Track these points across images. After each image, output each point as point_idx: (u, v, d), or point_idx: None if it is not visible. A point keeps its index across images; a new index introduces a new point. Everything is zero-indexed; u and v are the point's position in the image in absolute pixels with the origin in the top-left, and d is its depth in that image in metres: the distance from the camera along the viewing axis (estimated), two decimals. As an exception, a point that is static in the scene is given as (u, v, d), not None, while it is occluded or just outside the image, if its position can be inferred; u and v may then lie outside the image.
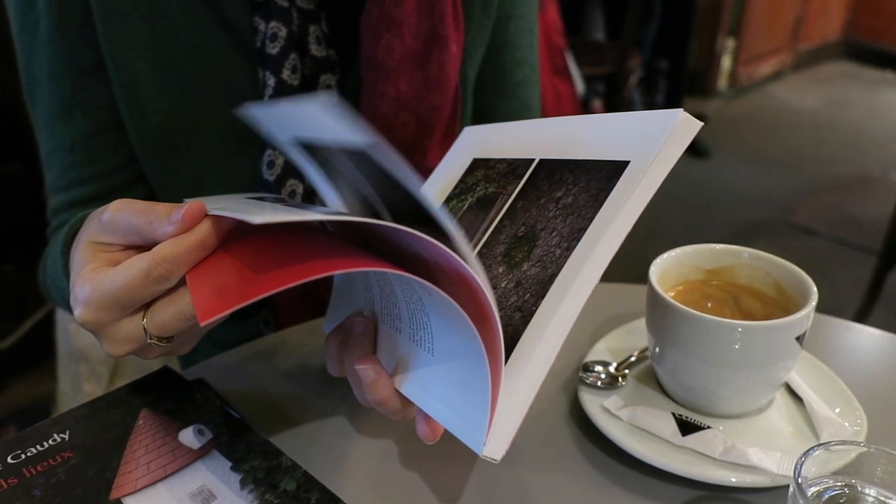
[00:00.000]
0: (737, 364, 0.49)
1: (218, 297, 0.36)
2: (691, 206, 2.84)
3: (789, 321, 0.48)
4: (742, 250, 0.56)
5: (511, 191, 0.47)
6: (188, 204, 0.42)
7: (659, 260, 0.55)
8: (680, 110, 0.39)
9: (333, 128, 0.37)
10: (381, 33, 0.65)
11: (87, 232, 0.46)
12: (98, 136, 0.67)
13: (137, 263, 0.41)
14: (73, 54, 0.64)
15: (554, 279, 0.40)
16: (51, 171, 0.70)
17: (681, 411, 0.53)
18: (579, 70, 2.44)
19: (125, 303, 0.42)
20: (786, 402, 0.55)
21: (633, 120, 0.42)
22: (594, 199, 0.41)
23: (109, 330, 0.44)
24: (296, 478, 0.48)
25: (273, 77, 0.64)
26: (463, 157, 0.55)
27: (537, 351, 0.39)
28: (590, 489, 0.49)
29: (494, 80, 0.78)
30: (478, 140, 0.56)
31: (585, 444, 0.53)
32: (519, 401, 0.38)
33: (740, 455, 0.48)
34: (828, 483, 0.38)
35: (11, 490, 0.46)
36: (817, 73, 4.62)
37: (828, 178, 3.11)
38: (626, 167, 0.40)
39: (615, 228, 0.39)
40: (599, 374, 0.56)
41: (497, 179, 0.49)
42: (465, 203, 0.51)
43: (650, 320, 0.53)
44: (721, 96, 4.13)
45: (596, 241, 0.39)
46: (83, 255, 0.45)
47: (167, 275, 0.41)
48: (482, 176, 0.51)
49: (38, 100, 0.67)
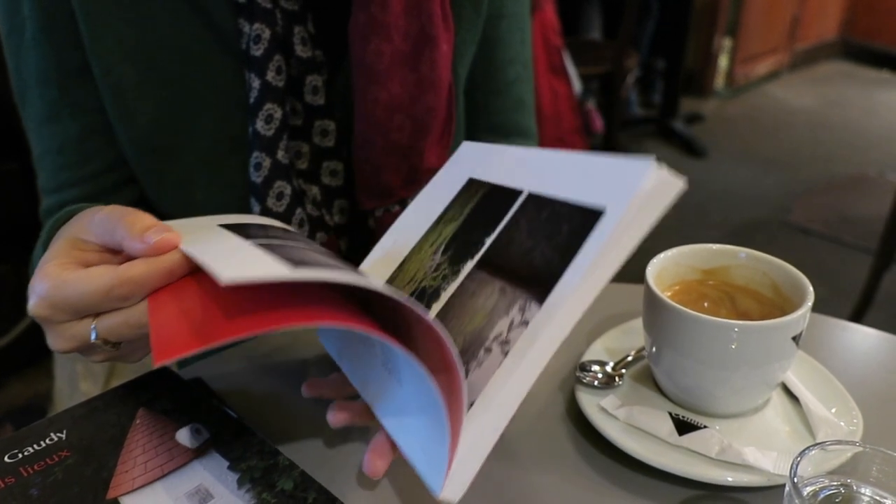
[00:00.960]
0: (733, 364, 0.49)
1: (177, 338, 0.36)
2: (688, 206, 2.84)
3: (786, 321, 0.48)
4: (739, 250, 0.56)
5: (495, 225, 0.46)
6: (164, 231, 0.43)
7: (656, 260, 0.55)
8: (651, 164, 0.37)
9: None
10: (369, 38, 0.65)
11: (74, 227, 0.47)
12: (87, 138, 0.67)
13: (101, 278, 0.42)
14: (60, 58, 0.64)
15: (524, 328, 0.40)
16: (42, 173, 0.70)
17: (677, 411, 0.53)
18: (576, 69, 2.44)
19: (80, 309, 0.43)
20: (782, 402, 0.55)
21: (607, 167, 0.40)
22: (567, 249, 0.39)
23: (58, 327, 0.45)
24: (293, 477, 0.48)
25: (258, 79, 0.64)
26: (459, 174, 0.55)
27: (500, 398, 0.38)
28: (586, 488, 0.50)
29: (488, 79, 0.78)
30: (474, 157, 0.55)
31: (582, 443, 0.53)
32: (479, 447, 0.38)
33: (736, 454, 0.48)
34: (824, 482, 0.39)
35: (9, 489, 0.46)
36: (814, 73, 4.63)
37: (824, 178, 3.12)
38: (601, 217, 0.38)
39: (587, 283, 0.37)
40: (596, 374, 0.56)
41: (485, 210, 0.49)
42: (457, 225, 0.50)
43: (647, 320, 0.53)
44: (718, 96, 4.13)
45: (566, 296, 0.38)
46: (57, 248, 0.46)
47: (128, 295, 0.43)
48: (471, 202, 0.51)
49: (27, 103, 0.67)
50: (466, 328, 0.43)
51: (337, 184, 0.72)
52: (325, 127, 0.70)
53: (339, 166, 0.72)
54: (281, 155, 0.67)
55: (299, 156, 0.70)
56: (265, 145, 0.66)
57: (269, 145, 0.66)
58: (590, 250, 0.38)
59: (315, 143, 0.70)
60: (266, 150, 0.66)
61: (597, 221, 0.38)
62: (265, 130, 0.65)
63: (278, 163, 0.67)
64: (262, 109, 0.64)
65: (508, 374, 0.38)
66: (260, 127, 0.65)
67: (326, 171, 0.71)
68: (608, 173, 0.40)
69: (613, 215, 0.37)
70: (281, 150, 0.66)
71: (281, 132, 0.66)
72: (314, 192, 0.71)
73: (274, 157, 0.66)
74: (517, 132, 0.81)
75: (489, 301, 0.43)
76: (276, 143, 0.66)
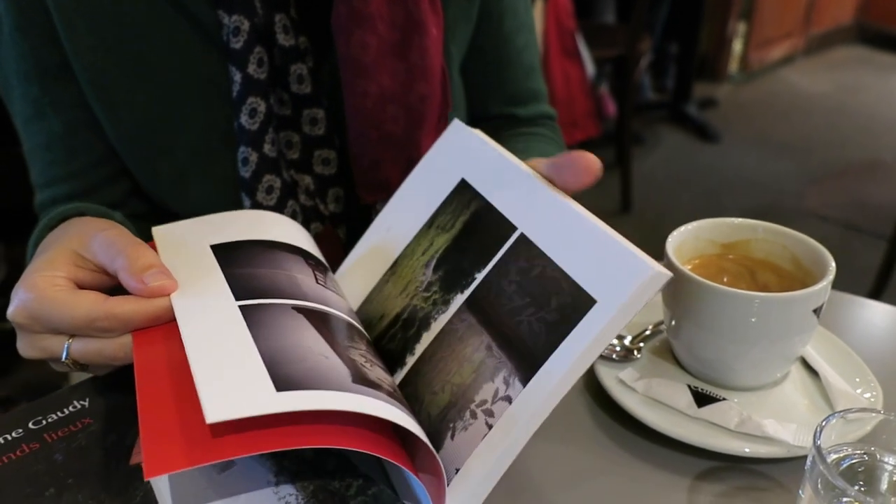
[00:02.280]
0: (753, 337, 0.49)
1: (169, 455, 0.35)
2: (701, 191, 2.82)
3: (807, 293, 0.48)
4: (758, 224, 0.56)
5: (487, 258, 0.45)
6: (162, 277, 0.44)
7: (676, 233, 0.55)
8: (650, 267, 0.37)
9: None
10: (353, 30, 0.63)
11: (74, 239, 0.48)
12: (72, 134, 0.66)
13: (87, 307, 0.43)
14: (38, 56, 0.63)
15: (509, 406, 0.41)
16: (33, 168, 0.70)
17: (696, 384, 0.53)
18: (589, 53, 2.43)
19: (59, 329, 0.44)
20: (801, 376, 0.55)
21: (606, 253, 0.40)
22: (554, 330, 0.39)
23: (32, 336, 0.45)
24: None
25: (239, 72, 0.62)
26: (451, 167, 0.52)
27: (485, 472, 0.40)
28: (605, 460, 0.50)
29: (497, 52, 0.76)
30: (466, 149, 0.52)
31: (601, 415, 0.53)
32: None
33: (756, 426, 0.48)
34: (847, 451, 0.38)
35: (33, 454, 0.47)
36: (829, 58, 4.58)
37: (839, 164, 3.09)
38: (592, 307, 0.38)
39: (570, 372, 0.38)
40: (615, 347, 0.56)
41: (479, 233, 0.47)
42: (449, 237, 0.49)
43: (666, 293, 0.53)
44: (732, 80, 4.10)
45: (550, 384, 0.39)
46: (50, 258, 0.46)
47: (110, 329, 0.43)
48: (462, 213, 0.49)
49: (12, 100, 0.66)
50: (454, 379, 0.44)
51: (330, 172, 0.71)
52: (314, 115, 0.68)
53: (332, 155, 0.70)
54: (268, 148, 0.65)
55: (290, 146, 0.68)
56: (251, 139, 0.65)
57: (254, 139, 0.65)
58: (578, 340, 0.38)
59: (305, 133, 0.68)
60: (252, 144, 0.65)
61: (587, 310, 0.38)
62: (249, 125, 0.64)
63: (265, 156, 0.66)
64: (246, 103, 0.63)
65: (492, 449, 0.40)
66: (244, 121, 0.64)
67: (318, 160, 0.70)
68: (606, 260, 0.39)
69: (605, 311, 0.37)
70: (267, 143, 0.65)
71: (266, 126, 0.65)
72: (307, 181, 0.70)
73: (260, 151, 0.65)
74: (532, 98, 0.80)
75: (476, 355, 0.43)
76: (261, 136, 0.65)
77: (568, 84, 2.32)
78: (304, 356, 0.40)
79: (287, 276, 0.48)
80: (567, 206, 0.43)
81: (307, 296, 0.47)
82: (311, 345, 0.41)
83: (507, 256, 0.44)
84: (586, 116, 2.47)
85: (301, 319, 0.43)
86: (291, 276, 0.49)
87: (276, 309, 0.44)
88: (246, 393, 0.36)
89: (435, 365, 0.45)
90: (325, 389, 0.37)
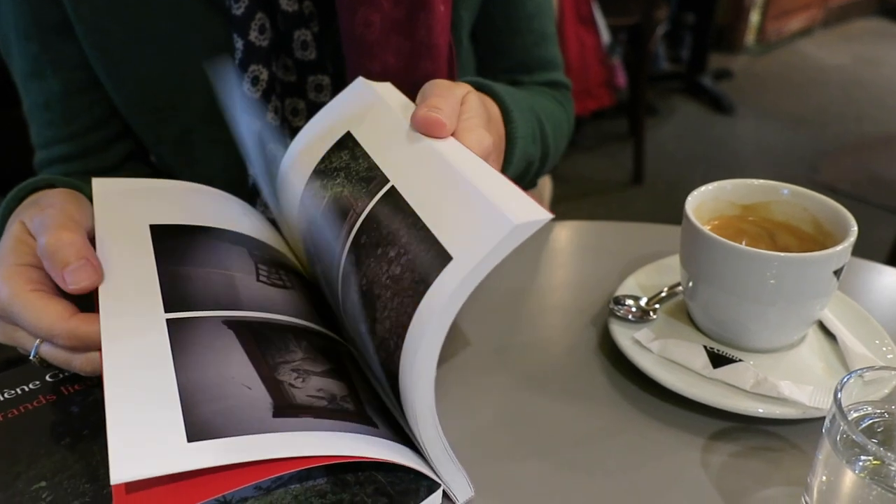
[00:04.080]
0: (772, 298, 0.48)
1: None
2: (714, 164, 2.80)
3: (827, 254, 0.47)
4: (780, 185, 0.55)
5: (360, 210, 0.44)
6: (83, 273, 0.43)
7: (696, 192, 0.54)
8: (510, 221, 0.35)
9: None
10: (356, 8, 0.61)
11: (26, 212, 0.48)
12: (71, 95, 0.66)
13: (51, 321, 0.42)
14: (39, 14, 0.62)
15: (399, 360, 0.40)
16: (32, 127, 0.69)
17: (712, 345, 0.53)
18: (605, 20, 2.39)
19: (28, 330, 0.44)
20: (818, 339, 0.54)
21: (475, 213, 0.38)
22: (415, 288, 0.38)
23: (5, 325, 0.45)
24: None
25: (241, 39, 0.61)
26: (340, 120, 0.52)
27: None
28: (618, 419, 0.50)
29: (507, 17, 0.75)
30: (359, 105, 0.52)
31: (615, 375, 0.53)
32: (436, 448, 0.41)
33: (772, 387, 0.48)
34: (867, 410, 0.38)
35: (50, 405, 0.47)
36: (848, 30, 4.50)
37: (854, 137, 3.05)
38: (449, 263, 0.37)
39: (433, 328, 0.37)
40: (630, 308, 0.56)
41: (353, 183, 0.46)
42: (326, 194, 0.48)
43: (684, 253, 0.53)
44: (748, 52, 4.04)
45: (413, 343, 0.38)
46: (17, 236, 0.46)
47: (71, 347, 0.43)
48: (343, 166, 0.48)
49: (11, 57, 0.66)
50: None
51: None
52: (320, 82, 0.67)
53: None
54: (271, 117, 0.65)
55: (295, 113, 0.68)
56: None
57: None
58: (434, 297, 0.36)
59: (310, 100, 0.68)
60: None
61: (443, 268, 0.36)
62: (252, 93, 0.63)
63: (268, 125, 0.65)
64: (248, 71, 0.62)
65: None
66: (247, 89, 0.63)
67: None
68: (469, 214, 0.37)
69: (460, 268, 0.36)
70: (270, 111, 0.65)
71: (268, 94, 0.64)
72: None
73: (263, 120, 0.64)
74: (540, 66, 0.79)
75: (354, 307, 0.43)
76: (264, 105, 0.64)
77: (582, 52, 2.29)
78: (223, 393, 0.39)
79: (224, 277, 0.48)
80: (440, 159, 0.42)
81: (241, 303, 0.46)
82: (234, 374, 0.41)
83: (377, 208, 0.43)
84: (600, 86, 2.45)
85: (230, 338, 0.43)
86: (230, 276, 0.48)
87: (205, 325, 0.43)
88: (155, 448, 0.35)
89: (348, 313, 0.45)
90: (241, 434, 0.37)
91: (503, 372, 0.54)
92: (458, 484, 0.43)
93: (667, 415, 0.50)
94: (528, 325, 0.60)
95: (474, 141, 0.45)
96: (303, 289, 0.53)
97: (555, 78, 0.80)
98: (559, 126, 0.76)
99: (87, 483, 0.41)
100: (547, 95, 0.77)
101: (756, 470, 0.45)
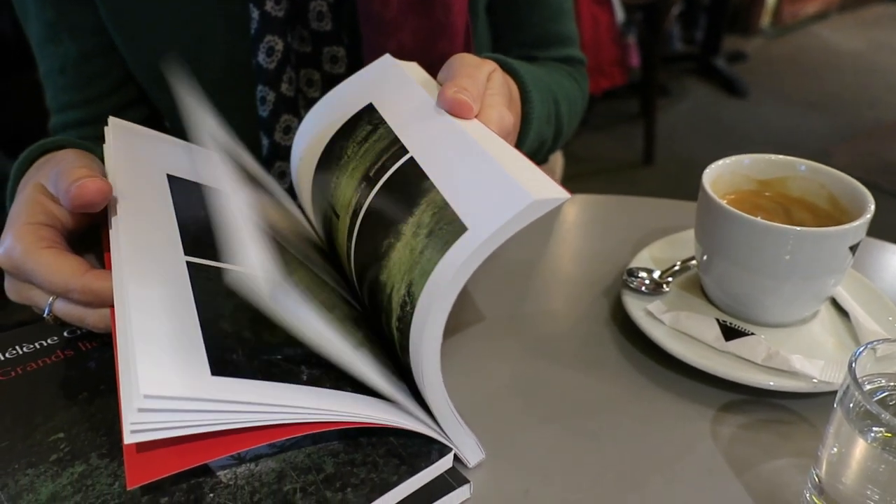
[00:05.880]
0: (786, 272, 0.48)
1: (150, 463, 0.35)
2: (725, 146, 2.78)
3: (843, 229, 0.47)
4: (797, 161, 0.55)
5: (377, 178, 0.45)
6: (88, 183, 0.43)
7: (714, 166, 0.54)
8: (531, 198, 0.35)
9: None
10: None
11: (41, 172, 0.48)
12: (87, 61, 0.66)
13: (66, 276, 0.42)
14: None
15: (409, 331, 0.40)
16: (48, 91, 0.69)
17: (724, 318, 0.53)
18: (620, -2, 2.37)
19: (42, 287, 0.44)
20: (830, 315, 0.54)
21: (493, 186, 0.38)
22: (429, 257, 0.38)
23: (19, 284, 0.45)
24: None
25: (257, 9, 0.61)
26: (363, 91, 0.52)
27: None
28: (630, 390, 0.50)
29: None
30: (382, 79, 0.52)
31: (627, 346, 0.54)
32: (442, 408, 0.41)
33: (783, 361, 0.48)
34: (881, 382, 0.38)
35: (67, 360, 0.47)
36: (864, 15, 4.44)
37: (867, 123, 3.03)
38: (462, 235, 0.37)
39: (442, 296, 0.37)
40: (644, 280, 0.56)
41: (372, 153, 0.46)
42: (344, 160, 0.49)
43: (700, 226, 0.53)
44: (763, 34, 3.99)
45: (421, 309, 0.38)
46: (26, 199, 0.46)
47: (86, 302, 0.43)
48: (364, 136, 0.48)
49: (28, 22, 0.66)
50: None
51: None
52: (335, 53, 0.67)
53: None
54: (285, 88, 0.65)
55: (311, 84, 0.68)
56: (269, 79, 0.64)
57: (272, 79, 0.64)
58: (447, 266, 0.37)
59: (326, 71, 0.67)
60: (269, 83, 0.64)
61: (457, 238, 0.37)
62: (267, 63, 0.63)
63: (283, 96, 0.65)
64: (263, 41, 0.62)
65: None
66: (262, 59, 0.63)
67: None
68: (487, 187, 0.38)
69: (474, 239, 0.36)
70: (285, 82, 0.64)
71: (283, 65, 0.64)
72: None
73: (278, 90, 0.64)
74: (556, 41, 0.78)
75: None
76: (278, 76, 0.64)
77: (596, 29, 2.27)
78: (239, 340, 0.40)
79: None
80: (462, 134, 0.42)
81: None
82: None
83: (395, 177, 0.43)
84: (613, 64, 2.43)
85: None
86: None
87: (222, 276, 0.44)
88: (182, 373, 0.35)
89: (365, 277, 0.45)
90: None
91: (515, 340, 0.54)
92: (469, 447, 0.43)
93: (677, 385, 0.50)
94: (540, 295, 0.60)
95: (495, 118, 0.45)
96: (316, 252, 0.53)
97: (571, 53, 0.80)
98: (574, 103, 0.75)
99: (104, 436, 0.41)
100: (563, 72, 0.77)
101: (766, 442, 0.46)
